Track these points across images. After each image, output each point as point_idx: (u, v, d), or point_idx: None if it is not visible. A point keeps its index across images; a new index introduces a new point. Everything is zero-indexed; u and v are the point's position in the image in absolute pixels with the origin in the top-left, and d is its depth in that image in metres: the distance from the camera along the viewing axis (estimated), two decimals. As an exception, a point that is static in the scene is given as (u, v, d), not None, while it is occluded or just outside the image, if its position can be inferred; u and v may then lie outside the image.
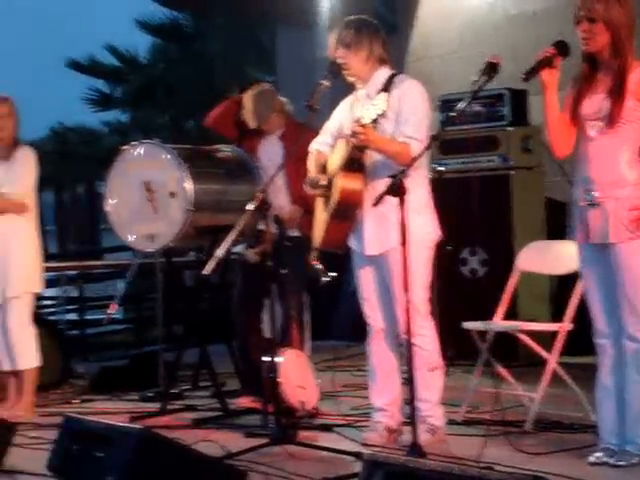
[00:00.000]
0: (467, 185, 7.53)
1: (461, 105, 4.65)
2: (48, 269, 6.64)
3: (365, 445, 4.91)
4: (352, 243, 5.07)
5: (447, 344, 5.24)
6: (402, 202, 4.44)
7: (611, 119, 4.32)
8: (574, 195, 4.48)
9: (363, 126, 4.66)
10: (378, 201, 4.49)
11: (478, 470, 3.10)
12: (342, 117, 5.14)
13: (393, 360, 5.10)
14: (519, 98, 7.58)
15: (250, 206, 5.00)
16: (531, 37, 8.12)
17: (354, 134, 4.73)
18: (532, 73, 4.39)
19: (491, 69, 4.52)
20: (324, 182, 5.05)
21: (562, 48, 4.39)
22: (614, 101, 4.31)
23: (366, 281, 5.08)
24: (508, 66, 4.68)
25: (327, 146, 5.20)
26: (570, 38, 4.40)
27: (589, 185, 4.39)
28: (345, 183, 4.89)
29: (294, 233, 6.08)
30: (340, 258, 5.19)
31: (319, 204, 5.16)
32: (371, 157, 4.90)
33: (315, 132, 5.31)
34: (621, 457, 4.41)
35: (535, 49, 4.53)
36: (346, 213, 4.96)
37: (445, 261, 6.04)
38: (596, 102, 4.37)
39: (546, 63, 4.38)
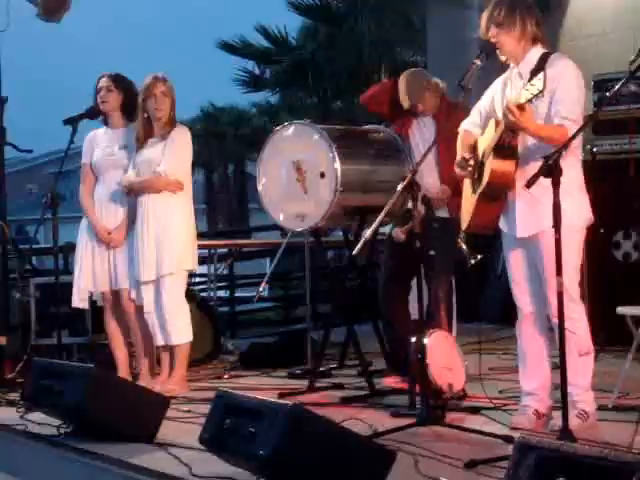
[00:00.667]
0: (621, 167, 7.36)
1: (617, 85, 4.55)
2: (200, 247, 6.76)
3: (514, 429, 4.86)
4: (502, 225, 5.01)
5: (598, 329, 5.15)
6: (556, 184, 4.36)
7: None
8: None
9: (519, 106, 4.59)
10: (532, 182, 4.40)
11: (633, 456, 3.03)
12: (494, 97, 5.09)
13: (542, 344, 5.03)
14: (676, 78, 7.37)
15: (399, 186, 5.00)
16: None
17: (508, 114, 4.66)
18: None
19: (650, 48, 4.41)
20: (472, 163, 5.01)
21: None
22: None
23: (516, 264, 5.02)
24: (665, 46, 4.56)
25: (476, 126, 5.15)
26: None
27: None
28: (496, 164, 4.83)
29: (443, 214, 6.06)
30: (488, 240, 5.14)
31: (467, 185, 5.11)
32: (524, 138, 4.82)
33: (467, 112, 5.27)
34: None
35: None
36: (496, 194, 4.90)
37: (597, 245, 5.93)
38: None
39: None
